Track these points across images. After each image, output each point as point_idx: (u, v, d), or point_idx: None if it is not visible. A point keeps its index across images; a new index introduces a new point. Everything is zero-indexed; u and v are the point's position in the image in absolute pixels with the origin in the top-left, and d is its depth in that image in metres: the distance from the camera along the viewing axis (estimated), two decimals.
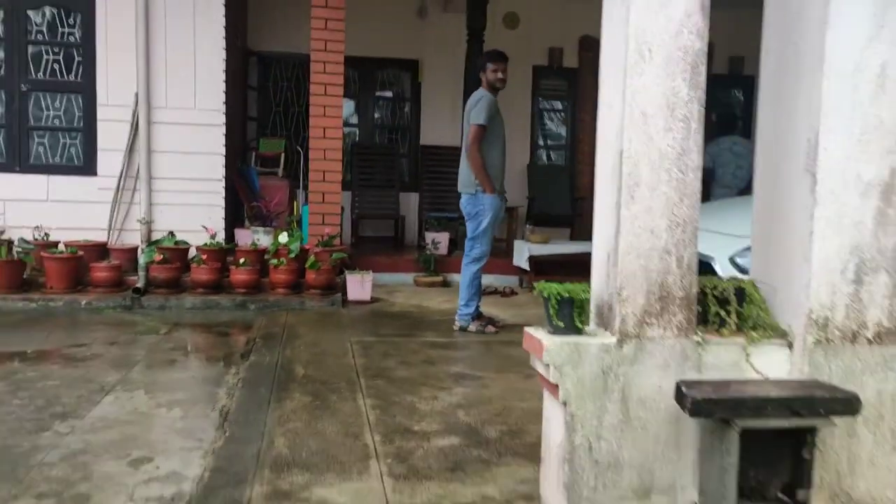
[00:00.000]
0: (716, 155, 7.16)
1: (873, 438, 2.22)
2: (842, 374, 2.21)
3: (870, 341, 2.22)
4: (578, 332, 2.25)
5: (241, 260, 6.01)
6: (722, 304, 2.32)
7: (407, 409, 3.40)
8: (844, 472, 2.22)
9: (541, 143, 9.30)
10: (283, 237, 6.21)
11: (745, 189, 6.71)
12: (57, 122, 6.35)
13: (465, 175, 5.10)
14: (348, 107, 8.70)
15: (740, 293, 2.34)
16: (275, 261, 6.02)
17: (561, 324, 2.25)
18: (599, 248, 2.34)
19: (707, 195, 6.70)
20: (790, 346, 2.25)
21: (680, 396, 2.12)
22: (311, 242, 6.34)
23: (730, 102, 9.32)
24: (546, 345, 2.19)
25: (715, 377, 2.21)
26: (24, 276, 5.81)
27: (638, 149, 2.19)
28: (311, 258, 6.07)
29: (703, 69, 2.22)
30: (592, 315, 2.34)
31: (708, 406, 2.07)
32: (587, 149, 7.61)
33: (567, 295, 2.25)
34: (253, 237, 6.50)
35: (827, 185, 2.19)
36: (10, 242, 5.90)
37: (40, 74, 6.30)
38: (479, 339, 4.98)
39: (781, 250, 2.34)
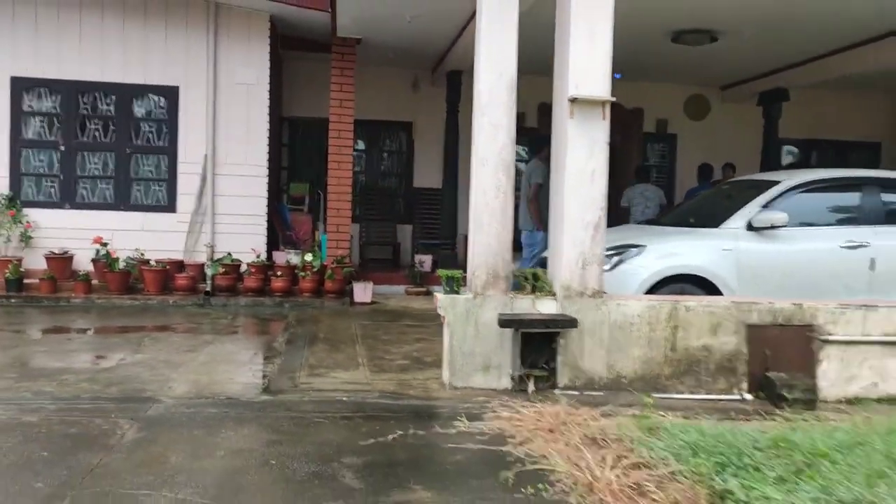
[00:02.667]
0: (631, 197, 9.79)
1: (591, 341, 4.87)
2: (575, 311, 4.86)
3: (588, 296, 4.88)
4: (456, 292, 4.94)
5: (279, 272, 8.74)
6: (525, 280, 5.00)
7: (383, 351, 6.08)
8: (576, 357, 4.87)
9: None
10: (308, 257, 8.93)
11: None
12: (149, 174, 9.16)
13: (525, 217, 7.99)
14: (358, 158, 11.46)
15: (535, 275, 5.02)
16: (302, 273, 8.74)
17: (448, 288, 4.95)
18: (470, 252, 5.03)
19: (620, 223, 9.26)
20: (555, 298, 4.91)
21: (500, 321, 4.79)
22: (329, 261, 9.06)
23: (652, 156, 11.98)
24: (440, 298, 4.89)
25: (518, 313, 4.87)
26: (129, 283, 8.57)
27: (481, 206, 4.90)
28: (329, 272, 8.79)
29: (513, 171, 4.93)
30: (465, 285, 5.03)
31: (509, 323, 4.75)
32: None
33: (451, 275, 4.96)
34: (286, 257, 9.23)
35: (567, 225, 4.87)
36: (117, 260, 8.66)
37: (139, 141, 9.13)
38: (439, 322, 7.65)
39: (554, 254, 5.02)
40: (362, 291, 8.85)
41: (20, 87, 8.87)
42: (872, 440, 3.46)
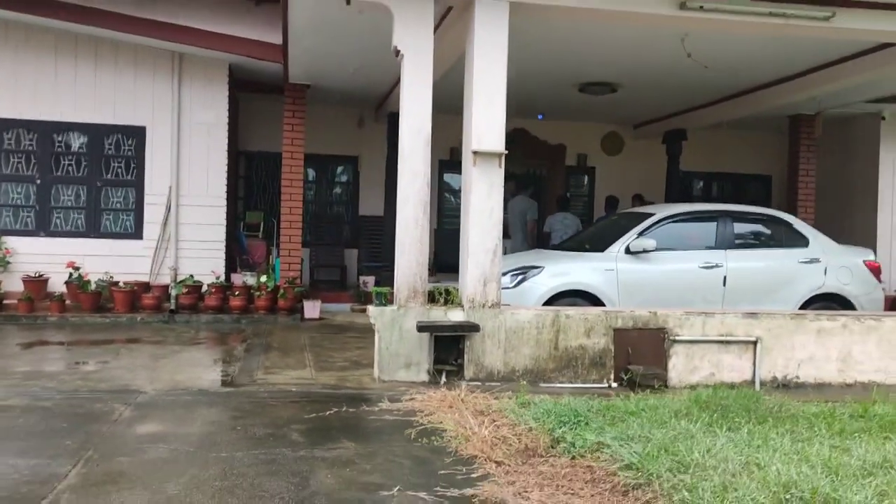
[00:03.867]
0: (552, 224, 11.26)
1: (491, 342, 6.23)
2: (478, 319, 6.22)
3: (489, 307, 6.25)
4: (384, 305, 6.27)
5: (237, 292, 9.93)
6: (439, 294, 6.36)
7: (327, 356, 7.35)
8: (479, 355, 6.23)
9: (445, 212, 13.37)
10: (263, 278, 10.15)
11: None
12: (118, 205, 10.28)
13: (522, 247, 9.52)
14: (309, 188, 12.72)
15: (447, 290, 6.39)
16: (258, 293, 9.95)
17: (378, 302, 6.28)
18: (396, 272, 6.35)
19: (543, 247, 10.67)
20: (462, 308, 6.27)
21: (418, 327, 6.12)
22: (282, 281, 10.27)
23: (574, 186, 13.54)
24: (371, 309, 6.21)
25: (433, 321, 6.21)
26: (100, 303, 9.65)
27: (404, 236, 6.25)
28: (281, 291, 10.02)
29: (428, 208, 6.29)
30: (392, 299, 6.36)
31: (425, 328, 6.09)
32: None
33: (380, 291, 6.30)
34: (243, 278, 10.41)
35: (472, 250, 6.24)
36: (89, 282, 9.73)
37: (109, 175, 10.25)
38: None
39: (462, 273, 6.39)
40: (312, 308, 10.09)
41: (0, 127, 9.95)
42: (671, 404, 4.89)
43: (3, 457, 4.00)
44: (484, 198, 6.30)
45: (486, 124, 6.33)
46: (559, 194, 12.39)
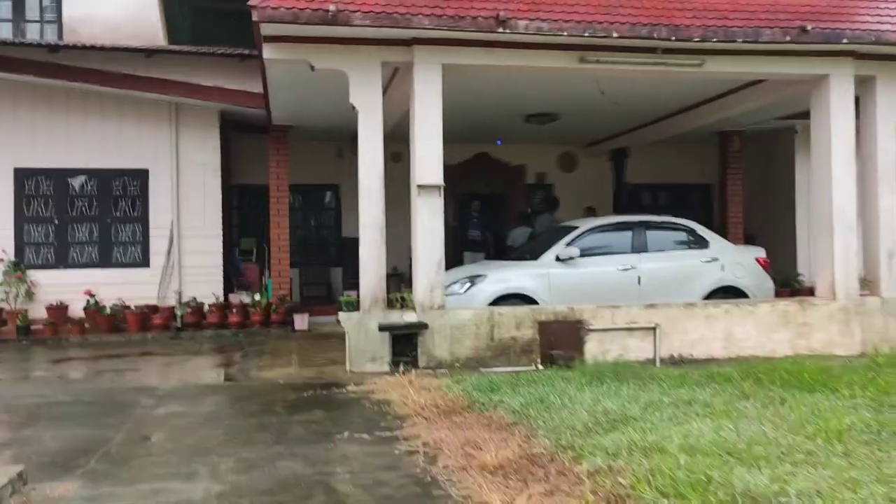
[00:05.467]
0: (515, 237, 12.87)
1: (439, 337, 7.84)
2: (428, 319, 7.83)
3: (436, 309, 7.87)
4: (353, 310, 7.90)
5: (234, 310, 11.54)
6: (397, 300, 7.98)
7: (310, 358, 8.95)
8: (430, 348, 7.84)
9: None
10: (257, 296, 11.76)
11: None
12: (127, 238, 11.92)
13: None
14: (297, 215, 14.34)
15: (403, 297, 8.01)
16: (252, 309, 11.56)
17: (347, 308, 7.92)
18: (361, 283, 7.97)
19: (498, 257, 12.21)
20: (415, 311, 7.88)
21: (379, 328, 7.74)
22: (273, 298, 11.89)
23: (534, 202, 15.18)
24: (341, 315, 7.85)
25: (391, 322, 7.82)
26: (115, 324, 11.27)
27: (365, 254, 7.87)
28: (273, 307, 11.63)
29: (384, 231, 7.91)
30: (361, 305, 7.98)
31: (385, 328, 7.72)
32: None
33: (348, 300, 7.94)
34: (240, 298, 12.03)
35: (420, 264, 7.87)
36: (105, 307, 11.33)
37: (118, 213, 11.90)
38: None
39: (415, 282, 8.01)
40: (300, 321, 11.70)
41: (21, 176, 11.61)
42: (570, 376, 6.51)
43: (68, 429, 5.61)
44: (428, 221, 7.93)
45: (427, 162, 7.96)
46: (520, 210, 14.04)
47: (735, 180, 13.49)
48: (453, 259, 13.69)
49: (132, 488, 4.16)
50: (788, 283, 12.27)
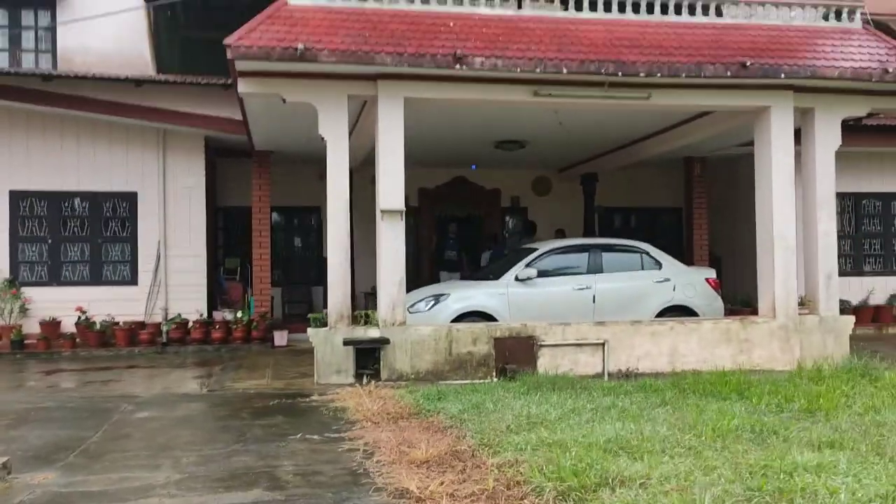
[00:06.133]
0: (485, 258, 13.57)
1: (400, 351, 8.49)
2: (390, 335, 8.49)
3: (397, 325, 8.53)
4: (320, 326, 8.56)
5: (217, 326, 12.19)
6: (361, 317, 8.65)
7: (284, 371, 9.58)
8: (392, 361, 8.49)
9: None
10: (239, 314, 12.42)
11: None
12: (116, 257, 12.59)
13: None
14: (280, 235, 15.03)
15: (367, 314, 8.68)
16: (234, 326, 12.22)
17: (315, 325, 8.58)
18: (329, 301, 8.63)
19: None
20: (378, 327, 8.55)
21: (344, 342, 8.40)
22: (255, 315, 12.54)
23: (509, 224, 15.89)
24: (310, 330, 8.51)
25: (356, 337, 8.48)
26: (104, 339, 11.92)
27: (333, 275, 8.55)
28: (254, 323, 12.29)
29: (349, 253, 8.59)
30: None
31: (350, 343, 8.38)
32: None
33: (316, 317, 8.61)
34: (223, 315, 12.68)
35: (383, 282, 8.55)
36: (95, 323, 11.99)
37: (108, 233, 12.59)
38: None
39: (379, 300, 8.68)
40: (280, 337, 12.35)
41: (17, 198, 12.30)
42: (515, 387, 7.16)
43: (51, 430, 6.26)
44: (390, 243, 8.62)
45: (391, 189, 8.67)
46: (494, 232, 14.73)
47: (700, 204, 14.20)
48: (430, 277, 14.43)
49: (104, 476, 4.82)
50: (749, 303, 12.90)
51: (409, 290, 9.94)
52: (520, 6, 9.18)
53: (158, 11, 12.77)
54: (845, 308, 11.18)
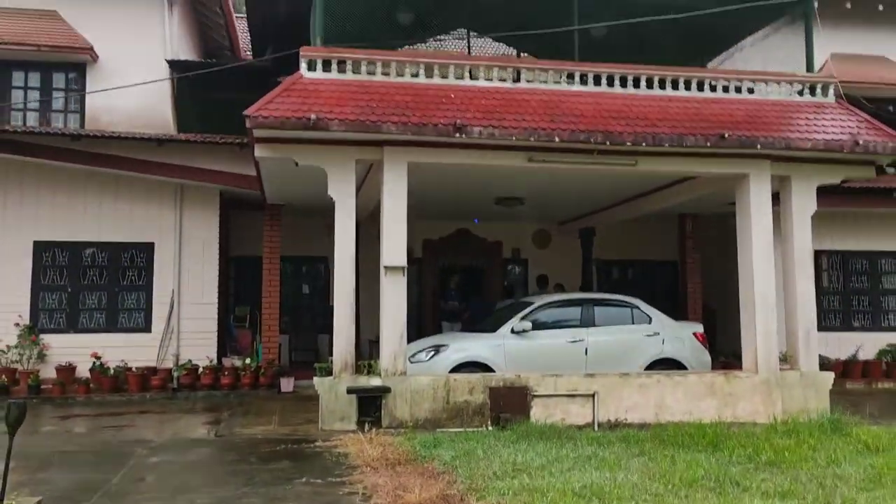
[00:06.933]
0: (471, 308, 14.13)
1: (400, 400, 9.03)
2: (393, 384, 9.04)
3: (398, 375, 9.09)
4: (326, 375, 9.13)
5: (226, 373, 12.75)
6: (364, 366, 9.22)
7: (290, 417, 10.11)
8: (392, 409, 9.02)
9: None
10: (248, 360, 12.99)
11: None
12: (132, 305, 13.24)
13: None
14: (289, 284, 15.66)
15: (370, 364, 9.25)
16: (243, 372, 12.78)
17: (320, 373, 9.16)
18: (334, 350, 9.21)
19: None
20: (380, 376, 9.10)
21: (348, 390, 8.95)
22: (263, 362, 13.11)
23: (511, 275, 16.50)
24: (315, 379, 9.08)
25: (359, 385, 9.03)
26: (117, 385, 12.49)
27: (338, 324, 9.15)
28: (262, 370, 12.85)
29: (354, 306, 9.20)
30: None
31: (353, 391, 8.93)
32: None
33: (321, 366, 9.19)
34: (232, 361, 13.25)
35: (385, 335, 9.13)
36: (109, 368, 12.57)
37: (125, 282, 13.26)
38: None
39: (381, 351, 9.25)
40: (286, 384, 12.89)
41: (40, 248, 13.03)
42: (506, 436, 7.68)
43: (74, 473, 6.83)
44: (393, 297, 9.23)
45: (394, 247, 9.31)
46: (504, 286, 15.38)
47: (693, 259, 14.80)
48: (433, 326, 15.01)
49: None
50: (741, 356, 13.39)
51: (412, 337, 10.58)
52: (516, 80, 9.93)
53: (181, 74, 13.63)
54: (825, 364, 11.62)
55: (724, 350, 13.77)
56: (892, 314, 14.67)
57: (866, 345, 14.02)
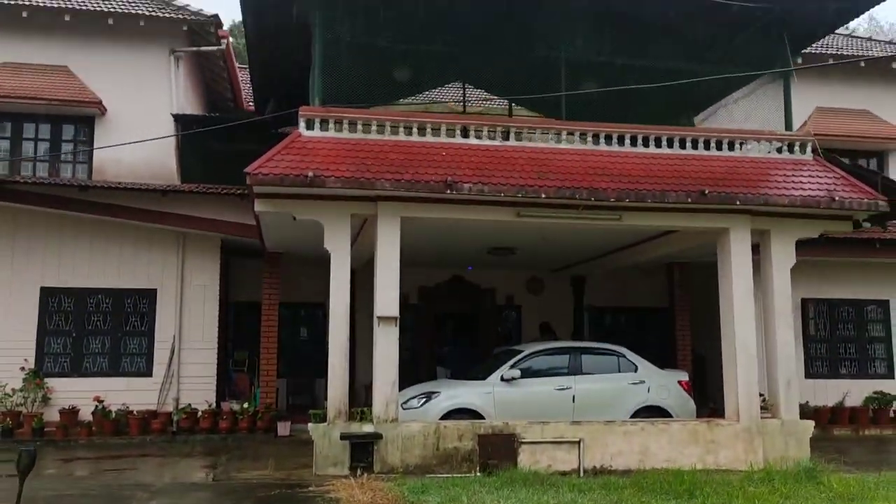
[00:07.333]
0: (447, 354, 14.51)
1: (392, 446, 9.37)
2: (383, 430, 9.39)
3: (390, 421, 9.44)
4: (320, 421, 9.50)
5: (224, 416, 13.09)
6: (358, 413, 9.58)
7: (285, 461, 10.43)
8: (384, 455, 9.35)
9: None
10: (246, 405, 13.33)
11: None
12: (134, 350, 13.63)
13: None
14: (287, 327, 16.05)
15: (362, 411, 9.61)
16: (241, 416, 13.11)
17: (315, 420, 9.52)
18: (329, 397, 9.58)
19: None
20: (373, 423, 9.46)
21: (341, 436, 9.31)
22: (260, 406, 13.45)
23: (505, 322, 16.90)
24: (310, 425, 9.44)
25: (352, 432, 9.38)
26: (118, 428, 12.82)
27: (333, 373, 9.54)
28: (259, 414, 13.19)
29: (347, 355, 9.61)
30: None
31: (346, 437, 9.29)
32: None
33: (316, 413, 9.56)
34: (230, 405, 13.59)
35: (378, 384, 9.52)
36: (111, 412, 12.91)
37: (128, 327, 13.69)
38: None
39: (374, 398, 9.62)
40: (283, 428, 13.21)
41: (46, 294, 13.47)
42: (492, 482, 8.02)
43: None
44: (385, 347, 9.63)
45: (386, 298, 9.75)
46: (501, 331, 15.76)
47: (682, 306, 15.21)
48: (428, 370, 15.35)
49: None
50: None
51: (409, 382, 10.96)
52: (506, 137, 10.47)
53: (185, 127, 14.24)
54: (807, 412, 11.89)
55: (714, 395, 14.07)
56: (879, 361, 15.00)
57: (853, 391, 14.33)
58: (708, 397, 14.04)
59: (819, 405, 13.69)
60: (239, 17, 33.37)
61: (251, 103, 17.55)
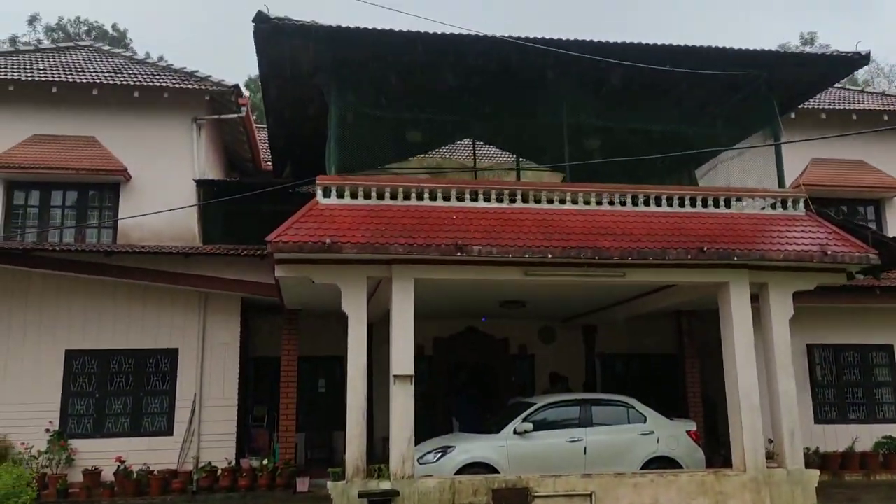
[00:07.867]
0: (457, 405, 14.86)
1: (410, 501, 9.72)
2: (401, 487, 9.76)
3: (406, 478, 9.82)
4: (339, 479, 9.89)
5: (244, 474, 13.46)
6: (374, 471, 9.97)
7: None
8: None
9: None
10: (265, 461, 13.71)
11: None
12: (155, 409, 14.09)
13: None
14: (307, 382, 16.47)
15: (380, 468, 10.00)
16: (260, 473, 13.48)
17: (334, 477, 9.92)
18: (347, 455, 9.99)
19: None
20: (390, 480, 9.84)
21: (359, 494, 9.69)
22: (279, 462, 13.81)
23: (518, 371, 17.27)
24: (329, 484, 9.84)
25: (370, 490, 9.76)
26: (140, 488, 13.20)
27: (351, 431, 9.95)
28: (279, 471, 13.56)
29: (365, 413, 10.04)
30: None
31: (364, 494, 9.67)
32: None
33: (335, 471, 9.96)
34: (249, 462, 13.97)
35: (394, 440, 9.92)
36: (132, 472, 13.31)
37: (149, 387, 14.17)
38: None
39: (392, 456, 10.02)
40: (302, 484, 13.56)
41: (71, 356, 14.00)
42: None
43: None
44: (402, 403, 10.07)
45: (402, 356, 10.22)
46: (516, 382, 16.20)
47: (691, 353, 15.56)
48: (444, 421, 15.68)
49: None
50: None
51: (422, 431, 11.35)
52: (513, 200, 11.03)
53: (206, 191, 14.92)
54: (813, 462, 12.16)
55: (726, 441, 14.31)
56: (887, 406, 15.25)
57: (863, 436, 14.56)
58: (719, 443, 14.29)
59: (829, 451, 13.93)
60: (254, 72, 34.62)
61: (269, 163, 18.30)
